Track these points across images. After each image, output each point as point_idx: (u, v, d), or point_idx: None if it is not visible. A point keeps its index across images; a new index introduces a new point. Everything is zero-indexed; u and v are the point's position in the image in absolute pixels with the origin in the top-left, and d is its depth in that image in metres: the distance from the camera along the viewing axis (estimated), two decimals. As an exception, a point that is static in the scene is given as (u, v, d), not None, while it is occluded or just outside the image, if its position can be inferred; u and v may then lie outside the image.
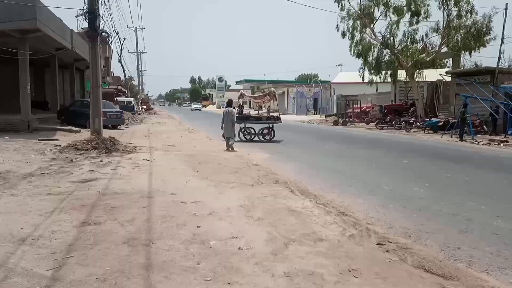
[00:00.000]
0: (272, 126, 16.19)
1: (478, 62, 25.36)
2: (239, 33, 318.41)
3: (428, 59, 25.02)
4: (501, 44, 21.50)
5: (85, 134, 15.00)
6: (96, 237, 4.30)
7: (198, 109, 71.81)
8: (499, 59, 21.45)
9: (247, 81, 73.56)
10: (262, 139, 15.95)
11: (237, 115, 16.24)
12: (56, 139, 13.89)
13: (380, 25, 75.59)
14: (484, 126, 19.66)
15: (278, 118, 16.48)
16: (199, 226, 4.72)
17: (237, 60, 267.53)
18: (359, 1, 26.09)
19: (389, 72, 27.21)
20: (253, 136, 16.24)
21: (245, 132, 16.28)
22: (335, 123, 30.03)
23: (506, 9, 21.47)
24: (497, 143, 16.17)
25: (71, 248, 3.98)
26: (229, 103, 13.93)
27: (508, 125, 18.08)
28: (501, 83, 20.56)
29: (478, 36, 22.97)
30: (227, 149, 12.59)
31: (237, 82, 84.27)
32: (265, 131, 16.11)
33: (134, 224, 4.76)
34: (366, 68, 27.24)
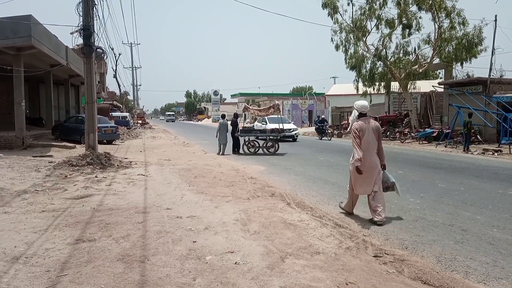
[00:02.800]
0: (277, 139, 16.28)
1: (470, 72, 25.80)
2: (234, 47, 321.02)
3: (420, 70, 25.35)
4: (492, 54, 21.84)
5: (80, 149, 14.96)
6: (90, 254, 4.26)
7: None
8: (490, 69, 21.76)
9: (242, 94, 73.94)
10: (266, 152, 16.00)
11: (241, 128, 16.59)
12: (51, 156, 13.81)
13: (373, 38, 76.79)
14: (478, 136, 19.82)
15: (282, 131, 16.59)
16: (195, 241, 4.68)
17: (232, 73, 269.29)
18: (351, 15, 26.55)
19: (382, 83, 27.50)
20: (257, 149, 16.29)
21: (249, 145, 16.33)
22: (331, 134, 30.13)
23: (495, 20, 21.88)
24: (491, 153, 16.28)
25: (65, 266, 3.94)
26: (223, 117, 17.24)
27: (501, 135, 18.24)
28: (493, 93, 20.81)
29: (469, 47, 23.34)
30: (219, 153, 15.92)
31: (232, 96, 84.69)
32: (269, 144, 16.18)
33: (129, 240, 4.72)
34: (360, 80, 27.52)
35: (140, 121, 52.54)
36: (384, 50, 26.04)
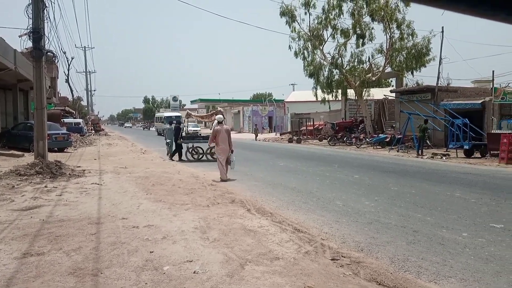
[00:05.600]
0: None
1: (419, 81, 27.16)
2: (194, 53, 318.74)
3: (373, 78, 26.43)
4: (440, 64, 23.18)
5: (29, 158, 14.17)
6: (39, 268, 4.02)
7: None
8: (438, 78, 23.08)
9: (202, 100, 73.43)
10: (210, 158, 15.78)
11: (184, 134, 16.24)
12: (-4, 165, 12.95)
13: (329, 47, 79.12)
14: (427, 141, 20.86)
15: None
16: (152, 252, 4.55)
17: (192, 79, 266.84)
18: (309, 24, 27.23)
19: (339, 90, 28.37)
20: (201, 156, 16.10)
21: (193, 152, 16.11)
22: (290, 140, 30.60)
23: (442, 32, 23.28)
24: (439, 157, 17.19)
25: (11, 281, 3.69)
26: (170, 122, 18.53)
27: (449, 140, 19.33)
28: (440, 100, 22.05)
29: (418, 57, 24.71)
30: (167, 154, 16.88)
31: (192, 102, 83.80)
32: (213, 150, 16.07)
33: (81, 253, 4.50)
34: (318, 87, 28.23)
35: (94, 128, 50.63)
36: (340, 58, 26.92)
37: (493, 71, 20.26)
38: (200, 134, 18.22)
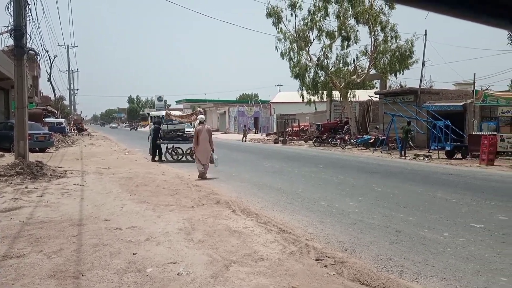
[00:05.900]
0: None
1: (402, 83, 27.63)
2: (179, 53, 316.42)
3: (358, 80, 26.73)
4: (422, 66, 23.62)
5: (9, 158, 13.86)
6: (18, 271, 3.93)
7: None
8: (421, 80, 23.51)
9: (187, 100, 72.93)
10: (190, 159, 15.56)
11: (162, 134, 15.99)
12: (-26, 165, 12.62)
13: (315, 48, 79.64)
14: (410, 142, 21.19)
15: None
16: (135, 253, 4.49)
17: (178, 79, 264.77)
18: (295, 25, 27.37)
19: (325, 92, 28.59)
20: (180, 157, 16.00)
21: (173, 152, 16.01)
22: (276, 141, 30.68)
23: (425, 35, 23.69)
24: (422, 158, 17.49)
25: (-12, 286, 3.59)
26: (154, 123, 17.77)
27: (431, 141, 19.66)
28: (423, 102, 22.43)
29: (402, 59, 25.08)
30: (149, 155, 16.37)
31: (178, 102, 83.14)
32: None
33: (62, 255, 4.41)
34: (304, 88, 28.38)
35: (76, 128, 49.83)
36: (325, 60, 27.13)
37: (474, 74, 20.68)
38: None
